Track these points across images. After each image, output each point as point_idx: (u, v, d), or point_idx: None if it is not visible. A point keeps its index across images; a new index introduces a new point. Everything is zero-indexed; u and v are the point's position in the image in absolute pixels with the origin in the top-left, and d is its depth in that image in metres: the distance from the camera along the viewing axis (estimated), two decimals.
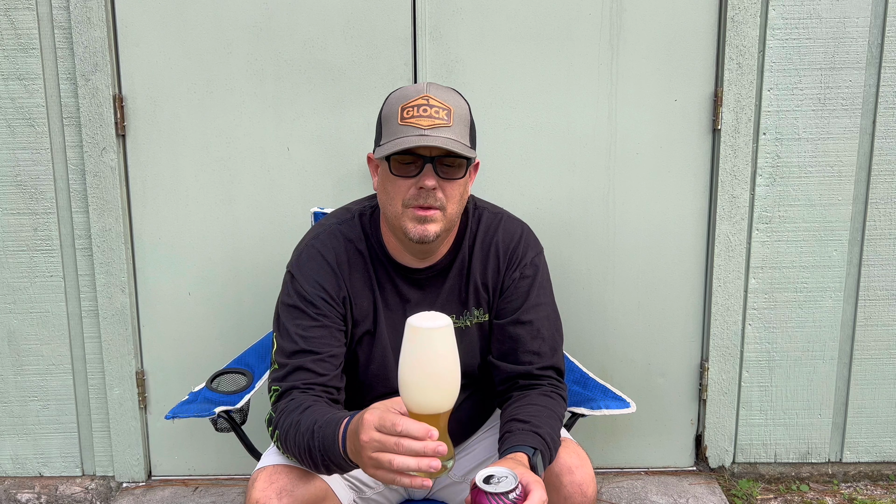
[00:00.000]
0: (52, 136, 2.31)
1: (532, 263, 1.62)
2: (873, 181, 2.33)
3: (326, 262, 1.56)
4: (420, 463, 1.11)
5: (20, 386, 2.45)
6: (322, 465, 1.36)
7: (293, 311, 1.53)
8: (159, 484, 2.50)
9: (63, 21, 2.24)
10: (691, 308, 2.43)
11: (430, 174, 1.43)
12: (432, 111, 1.43)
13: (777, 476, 2.52)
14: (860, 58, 2.26)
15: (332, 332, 1.53)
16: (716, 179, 2.33)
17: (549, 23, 2.26)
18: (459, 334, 1.59)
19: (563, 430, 1.63)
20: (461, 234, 1.61)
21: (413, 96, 1.45)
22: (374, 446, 1.15)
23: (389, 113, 1.48)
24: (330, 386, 1.49)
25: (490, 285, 1.61)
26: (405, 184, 1.45)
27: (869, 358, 2.43)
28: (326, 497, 1.50)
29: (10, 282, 2.39)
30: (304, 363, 1.48)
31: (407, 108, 1.44)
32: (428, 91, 1.46)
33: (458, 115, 1.46)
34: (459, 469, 1.68)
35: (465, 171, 1.48)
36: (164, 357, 2.44)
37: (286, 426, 1.42)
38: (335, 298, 1.54)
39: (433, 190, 1.44)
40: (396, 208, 1.47)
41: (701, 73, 2.29)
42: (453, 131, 1.44)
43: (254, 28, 2.26)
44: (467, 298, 1.60)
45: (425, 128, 1.42)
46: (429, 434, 1.11)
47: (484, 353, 1.63)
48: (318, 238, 1.60)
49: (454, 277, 1.60)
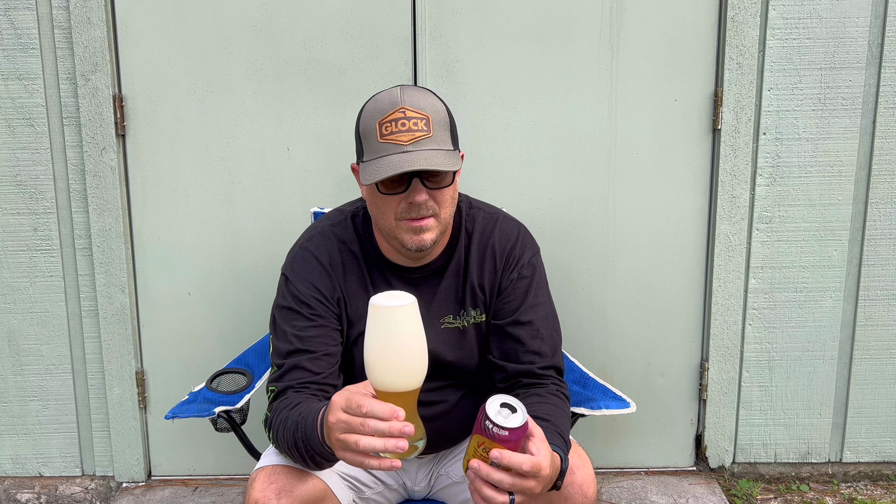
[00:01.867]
0: (51, 135, 2.31)
1: (529, 264, 1.62)
2: (873, 181, 2.33)
3: (320, 264, 1.56)
4: (386, 443, 1.10)
5: (20, 386, 2.45)
6: (308, 458, 1.36)
7: (288, 312, 1.54)
8: (159, 484, 2.50)
9: (63, 21, 2.24)
10: (691, 308, 2.43)
11: (418, 189, 1.42)
12: (410, 124, 1.40)
13: (777, 476, 2.52)
14: (860, 57, 2.26)
15: (327, 331, 1.53)
16: (716, 179, 2.33)
17: (549, 23, 2.26)
18: (456, 335, 1.59)
19: None
20: (456, 233, 1.61)
21: (388, 109, 1.42)
22: (341, 427, 1.16)
23: (367, 129, 1.45)
24: (325, 384, 1.49)
25: (487, 286, 1.61)
26: (395, 199, 1.44)
27: (869, 358, 2.43)
28: (326, 497, 1.50)
29: (10, 282, 2.39)
30: (300, 362, 1.48)
31: (385, 123, 1.41)
32: (402, 101, 1.42)
33: (437, 120, 1.44)
34: (458, 470, 1.68)
35: (452, 178, 1.47)
36: (164, 357, 2.45)
37: (278, 424, 1.43)
38: (329, 299, 1.55)
39: (423, 201, 1.43)
40: (389, 223, 1.47)
41: (701, 73, 2.29)
42: (435, 141, 1.42)
43: (254, 28, 2.26)
44: (464, 299, 1.60)
45: (406, 143, 1.39)
46: (394, 414, 1.10)
47: (482, 354, 1.63)
48: (312, 240, 1.60)
49: (451, 278, 1.60)
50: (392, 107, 1.42)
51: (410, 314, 1.13)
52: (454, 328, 1.59)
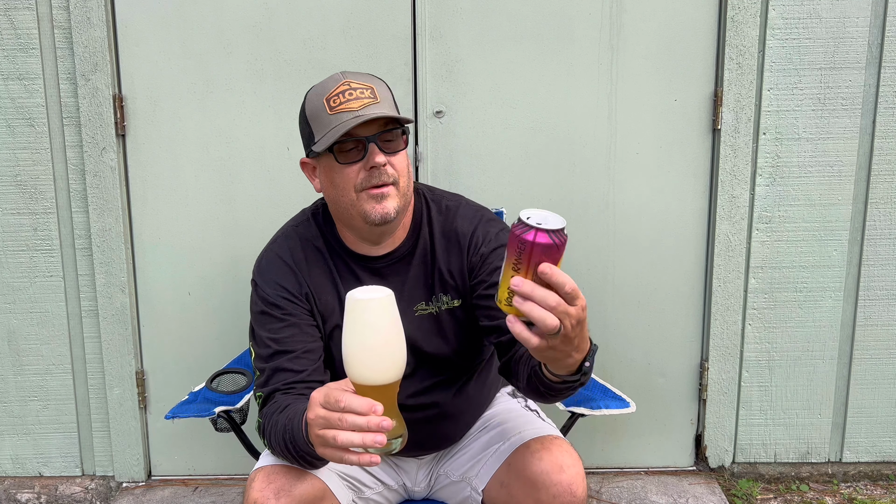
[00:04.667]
0: (51, 135, 2.31)
1: (497, 237, 1.58)
2: (873, 181, 2.33)
3: (284, 262, 1.58)
4: (364, 438, 1.10)
5: (20, 386, 2.45)
6: (300, 459, 1.37)
7: (261, 317, 1.55)
8: (159, 484, 2.50)
9: (63, 21, 2.24)
10: (691, 308, 2.43)
11: (375, 151, 1.43)
12: (357, 93, 1.45)
13: (777, 476, 2.52)
14: (860, 57, 2.26)
15: (302, 329, 1.53)
16: (716, 179, 2.33)
17: (549, 23, 2.26)
18: (431, 321, 1.57)
19: (555, 429, 1.64)
20: (418, 220, 1.60)
21: (333, 86, 1.47)
22: (319, 423, 1.16)
23: (315, 109, 1.48)
24: (311, 381, 1.49)
25: (456, 271, 1.58)
26: (353, 169, 1.45)
27: (869, 358, 2.43)
28: (325, 496, 1.50)
29: (10, 282, 2.39)
30: (281, 364, 1.49)
31: (331, 97, 1.45)
32: (345, 77, 1.48)
33: (381, 93, 1.48)
34: (457, 469, 1.68)
35: (405, 143, 1.49)
36: (164, 357, 2.45)
37: (269, 429, 1.43)
38: (298, 296, 1.55)
39: (384, 167, 1.44)
40: (350, 196, 1.47)
41: (701, 73, 2.29)
42: (382, 107, 1.45)
43: (254, 28, 2.26)
44: (434, 285, 1.58)
45: (357, 109, 1.43)
46: (372, 409, 1.10)
47: (459, 340, 1.60)
48: (276, 242, 1.63)
49: (418, 265, 1.59)
50: (336, 83, 1.47)
51: (385, 306, 1.12)
52: (428, 314, 1.58)
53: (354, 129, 1.42)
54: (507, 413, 1.71)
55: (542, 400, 1.43)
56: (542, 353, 1.14)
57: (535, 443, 1.51)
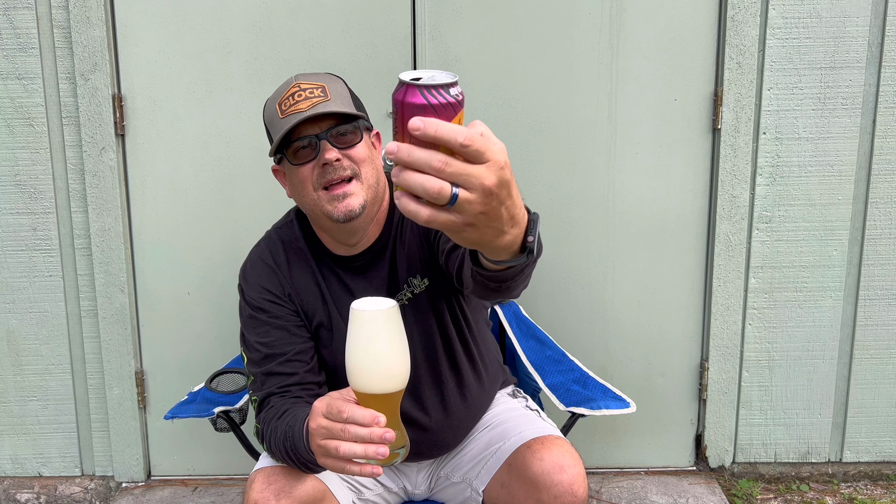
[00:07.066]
0: (51, 135, 2.31)
1: None
2: (873, 181, 2.32)
3: (266, 265, 1.59)
4: (367, 450, 1.10)
5: (20, 386, 2.45)
6: (301, 466, 1.37)
7: (249, 321, 1.56)
8: (159, 484, 2.50)
9: (62, 20, 2.23)
10: (691, 308, 2.43)
11: (326, 148, 1.43)
12: (307, 93, 1.44)
13: (777, 476, 2.52)
14: (860, 57, 2.25)
15: (290, 331, 1.53)
16: (716, 179, 2.33)
17: (549, 22, 2.25)
18: (409, 311, 1.53)
19: (556, 429, 1.64)
20: (391, 216, 1.58)
21: (285, 90, 1.47)
22: (321, 433, 1.15)
23: (270, 115, 1.49)
24: (306, 383, 1.49)
25: (417, 247, 1.55)
26: (307, 168, 1.45)
27: (869, 358, 2.43)
28: (325, 498, 1.50)
29: (10, 282, 2.38)
30: (273, 368, 1.49)
31: (282, 102, 1.45)
32: (296, 80, 1.47)
33: (334, 90, 1.47)
34: (457, 471, 1.68)
35: (361, 136, 1.47)
36: (164, 357, 2.44)
37: (268, 435, 1.43)
38: (281, 297, 1.56)
39: (337, 161, 1.43)
40: (311, 196, 1.47)
41: (701, 73, 2.29)
42: (333, 104, 1.44)
43: (253, 28, 2.25)
44: (405, 271, 1.56)
45: (305, 109, 1.42)
46: (375, 420, 1.09)
47: (438, 323, 1.58)
48: (259, 246, 1.64)
49: (390, 258, 1.58)
50: (287, 86, 1.47)
51: (389, 318, 1.12)
52: (402, 304, 1.56)
53: (305, 127, 1.42)
54: (507, 413, 1.71)
55: (498, 295, 1.19)
56: (464, 236, 0.87)
57: (536, 443, 1.51)
